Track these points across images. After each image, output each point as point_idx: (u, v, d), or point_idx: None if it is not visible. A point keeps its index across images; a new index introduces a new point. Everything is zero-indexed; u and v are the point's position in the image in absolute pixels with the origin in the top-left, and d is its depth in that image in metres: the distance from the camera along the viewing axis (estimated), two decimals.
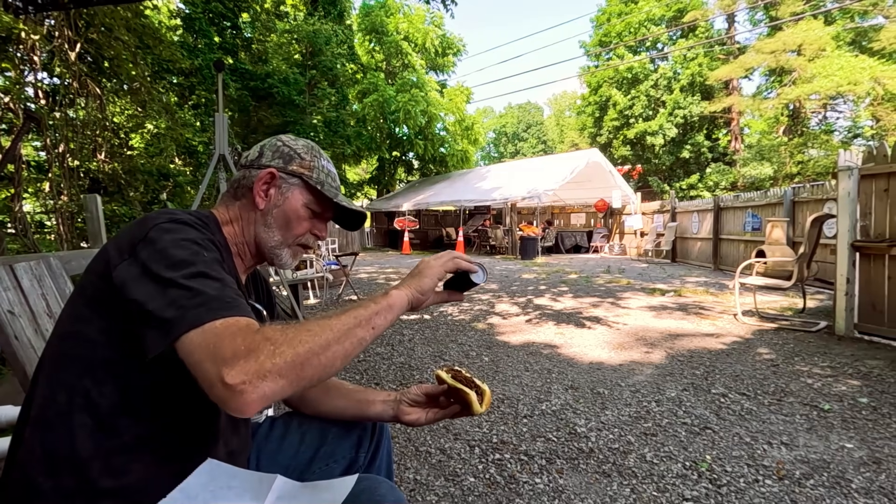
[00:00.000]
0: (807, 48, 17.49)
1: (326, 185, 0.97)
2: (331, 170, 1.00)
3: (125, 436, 0.72)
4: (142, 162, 9.13)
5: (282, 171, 0.94)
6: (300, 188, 0.95)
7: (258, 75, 14.16)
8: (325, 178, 0.97)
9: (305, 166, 0.95)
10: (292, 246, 0.97)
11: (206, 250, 0.74)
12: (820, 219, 4.67)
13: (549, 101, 54.55)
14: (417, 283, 0.85)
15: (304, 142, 0.99)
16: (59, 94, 6.51)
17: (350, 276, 6.78)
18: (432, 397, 1.03)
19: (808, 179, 16.77)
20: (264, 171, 0.93)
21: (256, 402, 0.60)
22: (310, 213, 0.97)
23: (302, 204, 0.95)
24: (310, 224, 0.98)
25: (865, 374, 3.11)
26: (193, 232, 0.76)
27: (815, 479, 1.88)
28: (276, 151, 0.96)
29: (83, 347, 0.73)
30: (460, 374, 0.97)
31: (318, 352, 0.65)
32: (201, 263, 0.70)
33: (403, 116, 19.31)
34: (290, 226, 0.95)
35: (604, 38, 26.40)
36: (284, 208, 0.94)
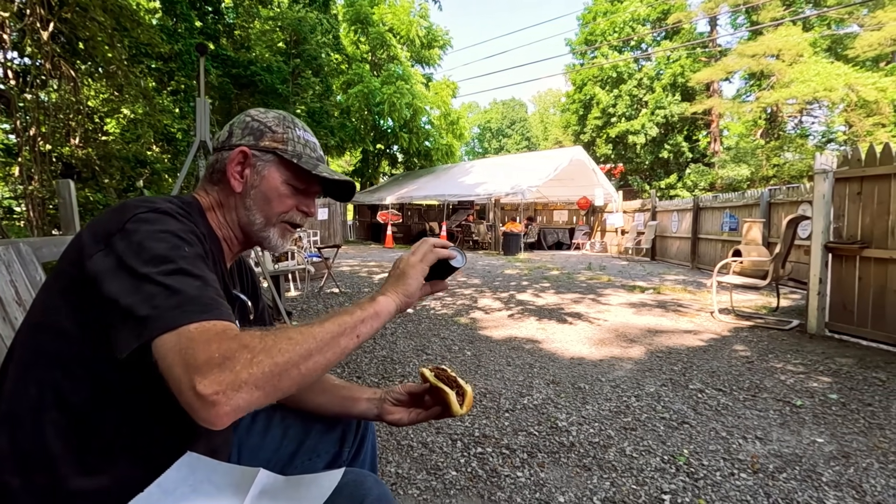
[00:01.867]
0: (785, 53, 17.88)
1: (304, 157, 0.89)
2: (308, 139, 0.92)
3: (99, 434, 0.69)
4: (117, 148, 8.87)
5: (254, 148, 0.88)
6: (276, 164, 0.89)
7: (240, 62, 13.85)
8: (303, 149, 0.90)
9: (278, 140, 0.89)
10: (278, 225, 0.91)
11: (187, 244, 0.70)
12: (795, 220, 4.80)
13: (533, 98, 54.78)
14: (403, 287, 0.79)
15: (276, 113, 0.92)
16: (30, 75, 6.27)
17: (332, 269, 6.71)
18: (416, 396, 1.02)
19: (784, 182, 17.20)
20: (235, 152, 0.87)
21: (229, 415, 0.56)
22: (291, 189, 0.90)
23: (281, 181, 0.89)
24: (294, 200, 0.91)
25: (835, 371, 3.21)
26: (174, 223, 0.72)
27: (788, 473, 1.93)
28: (245, 128, 0.90)
29: (55, 340, 0.69)
30: (445, 372, 0.95)
31: (298, 362, 0.61)
32: (181, 259, 0.67)
33: (388, 109, 19.14)
34: (271, 205, 0.89)
35: (589, 37, 26.56)
36: (262, 188, 0.88)
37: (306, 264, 6.62)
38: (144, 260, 0.64)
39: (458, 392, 0.90)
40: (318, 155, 0.93)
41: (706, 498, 1.76)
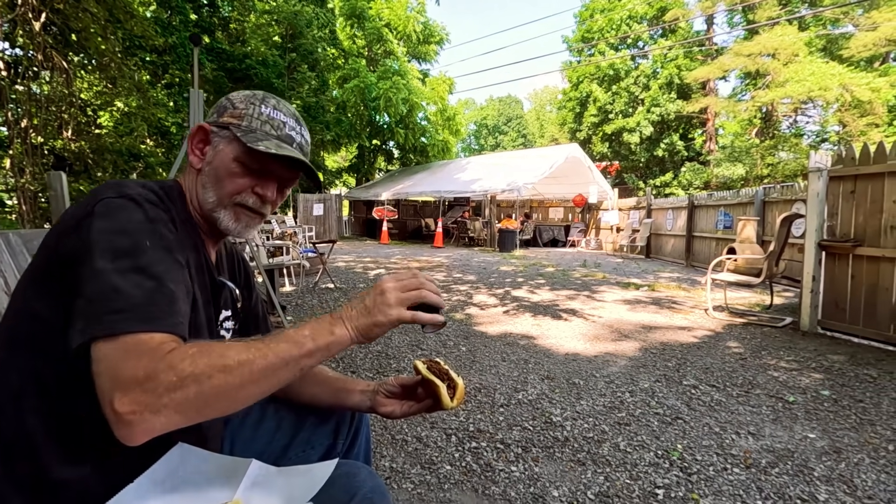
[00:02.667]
0: (781, 53, 17.94)
1: (259, 134, 0.82)
2: (274, 116, 0.85)
3: (79, 422, 0.67)
4: (111, 141, 8.80)
5: (213, 124, 0.84)
6: (229, 140, 0.83)
7: (236, 56, 13.75)
8: (261, 125, 0.83)
9: (236, 115, 0.83)
10: (229, 207, 0.84)
11: (151, 236, 0.67)
12: (789, 218, 4.82)
13: (529, 95, 54.75)
14: (367, 326, 0.70)
15: (249, 92, 0.87)
16: (21, 66, 6.20)
17: (327, 265, 6.69)
18: (408, 388, 1.01)
19: (778, 181, 17.29)
20: (195, 128, 0.85)
21: (142, 436, 0.55)
22: (243, 167, 0.83)
23: (231, 158, 0.82)
24: (248, 180, 0.84)
25: (828, 367, 3.23)
26: (140, 212, 0.69)
27: (780, 468, 1.94)
28: (216, 107, 0.87)
29: (34, 325, 0.68)
30: (437, 365, 0.94)
31: (229, 392, 0.58)
32: (140, 255, 0.64)
33: (384, 104, 19.07)
34: (222, 183, 0.83)
35: (587, 34, 26.55)
36: (215, 164, 0.83)
37: (301, 259, 6.60)
38: (102, 252, 0.63)
39: (449, 385, 0.89)
40: (281, 134, 0.85)
41: (699, 492, 1.77)
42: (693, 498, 1.73)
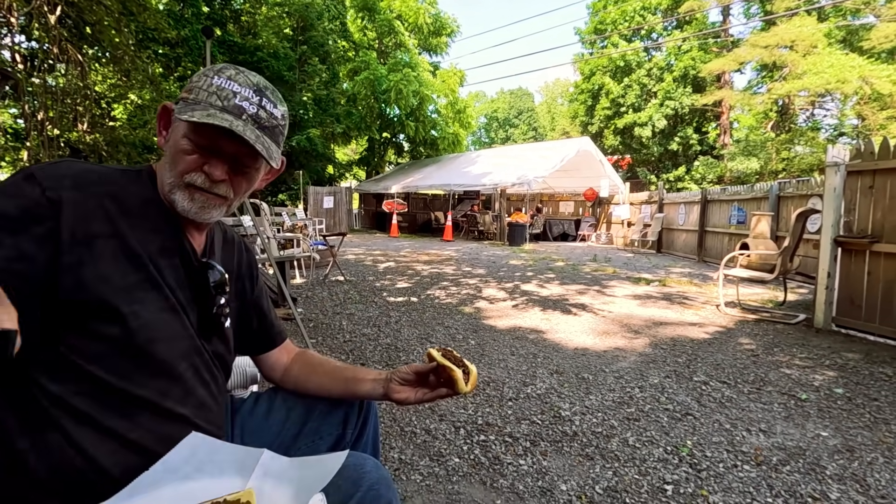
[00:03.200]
0: (799, 44, 17.56)
1: (201, 105, 0.74)
2: (224, 86, 0.76)
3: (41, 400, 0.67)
4: (124, 133, 8.89)
5: (175, 102, 0.80)
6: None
7: (247, 48, 13.80)
8: (208, 96, 0.75)
9: (188, 89, 0.77)
10: (182, 187, 0.78)
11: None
12: (804, 213, 4.74)
13: (541, 88, 54.29)
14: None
15: (211, 67, 0.81)
16: (37, 59, 6.27)
17: (337, 257, 6.72)
18: (422, 376, 1.01)
19: (793, 176, 17.00)
20: (160, 107, 0.82)
21: None
22: (192, 144, 0.76)
23: (181, 135, 0.76)
24: (197, 158, 0.77)
25: (842, 365, 3.19)
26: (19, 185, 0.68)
27: (792, 466, 1.92)
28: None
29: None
30: (451, 353, 0.96)
31: None
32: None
33: (395, 96, 19.02)
34: (175, 162, 0.78)
35: (599, 26, 26.20)
36: (170, 143, 0.79)
37: (312, 252, 6.64)
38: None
39: (463, 371, 0.92)
40: (228, 105, 0.75)
41: (709, 489, 1.76)
42: (702, 494, 1.73)
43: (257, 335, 1.08)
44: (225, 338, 0.92)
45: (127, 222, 0.74)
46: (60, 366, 0.68)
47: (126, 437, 0.70)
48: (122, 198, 0.75)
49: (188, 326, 0.81)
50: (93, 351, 0.69)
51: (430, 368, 0.99)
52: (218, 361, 0.89)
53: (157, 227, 0.79)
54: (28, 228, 0.65)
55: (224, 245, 0.98)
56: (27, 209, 0.66)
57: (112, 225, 0.72)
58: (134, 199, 0.77)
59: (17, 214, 0.65)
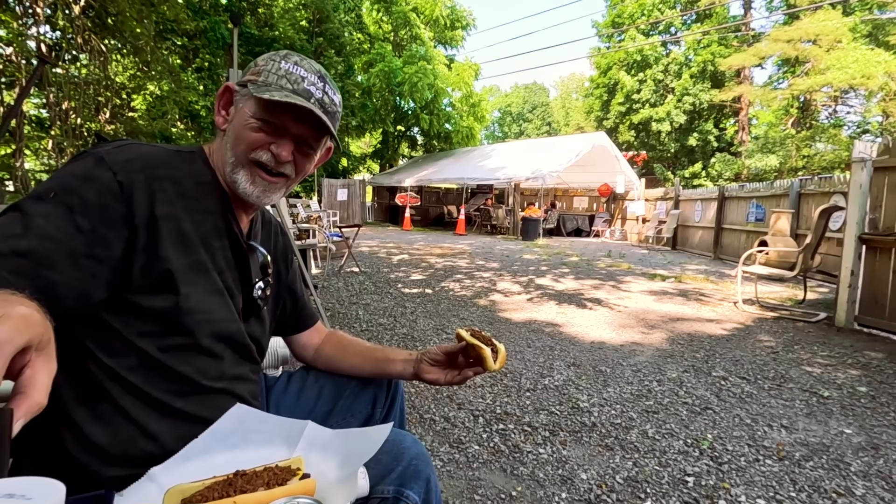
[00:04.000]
0: (823, 39, 17.15)
1: (273, 87, 0.77)
2: (293, 70, 0.79)
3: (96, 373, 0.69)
4: (143, 124, 9.01)
5: (238, 84, 0.83)
6: (247, 98, 0.80)
7: (264, 40, 13.86)
8: (278, 79, 0.78)
9: (255, 72, 0.80)
10: (246, 166, 0.80)
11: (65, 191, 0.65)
12: (828, 210, 4.66)
13: (556, 83, 53.78)
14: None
15: (272, 53, 0.83)
16: (61, 49, 6.37)
17: (352, 249, 6.76)
18: (451, 356, 1.02)
19: (814, 173, 16.66)
20: (221, 88, 0.84)
21: None
22: (260, 122, 0.79)
23: (249, 114, 0.79)
24: (264, 136, 0.80)
25: (864, 364, 3.14)
26: (83, 167, 0.68)
27: (815, 461, 1.91)
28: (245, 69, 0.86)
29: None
30: (479, 333, 0.98)
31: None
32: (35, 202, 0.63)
33: (409, 89, 18.98)
34: (239, 141, 0.80)
35: (617, 19, 25.85)
36: (235, 123, 0.81)
37: (328, 243, 6.69)
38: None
39: (491, 350, 0.93)
40: (298, 88, 0.79)
41: (731, 482, 1.75)
42: (724, 487, 1.72)
43: (290, 317, 1.10)
44: (262, 320, 0.94)
45: (183, 204, 0.75)
46: (114, 341, 0.70)
47: (172, 407, 0.72)
48: (178, 179, 0.76)
49: (233, 309, 0.82)
50: (144, 328, 0.71)
51: (460, 349, 1.00)
52: (255, 343, 0.91)
53: (209, 209, 0.80)
54: (106, 213, 0.66)
55: (263, 227, 1.00)
56: (103, 194, 0.67)
57: (172, 207, 0.74)
58: (188, 181, 0.78)
59: (95, 200, 0.66)
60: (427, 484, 0.78)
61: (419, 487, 0.76)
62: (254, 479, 0.59)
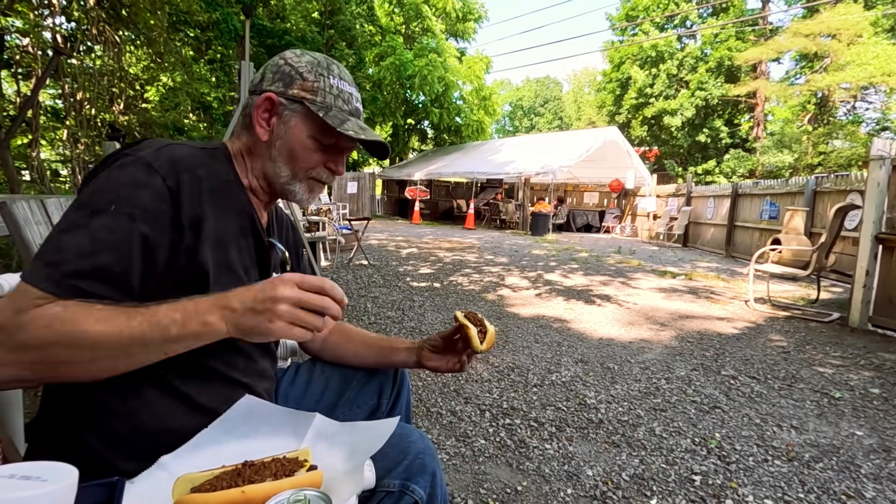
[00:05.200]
0: (843, 33, 16.78)
1: (334, 111, 0.82)
2: (343, 88, 0.85)
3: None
4: (157, 115, 9.08)
5: (282, 96, 0.81)
6: (302, 116, 0.82)
7: (275, 32, 13.87)
8: (334, 100, 0.82)
9: (307, 88, 0.81)
10: (304, 180, 0.86)
11: (124, 200, 0.65)
12: (844, 209, 4.58)
13: (568, 76, 53.31)
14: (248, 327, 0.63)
15: (311, 57, 0.85)
16: (77, 41, 6.43)
17: (361, 242, 6.79)
18: (448, 340, 1.03)
19: (830, 171, 16.37)
20: (261, 98, 0.81)
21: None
22: (317, 143, 0.83)
23: (307, 135, 0.82)
24: (321, 156, 0.85)
25: (878, 365, 3.10)
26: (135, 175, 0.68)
27: (825, 463, 1.89)
28: (276, 72, 0.83)
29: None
30: (474, 315, 0.98)
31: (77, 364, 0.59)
32: (98, 215, 0.64)
33: (420, 82, 18.91)
34: (296, 159, 0.83)
35: (631, 12, 25.49)
36: (288, 140, 0.82)
37: (337, 235, 6.72)
38: (77, 202, 0.67)
39: (480, 330, 0.93)
40: (351, 108, 0.86)
41: (738, 482, 1.74)
42: (732, 486, 1.71)
43: None
44: None
45: (216, 203, 0.76)
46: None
47: (196, 401, 0.73)
48: (211, 179, 0.77)
49: None
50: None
51: (455, 330, 1.00)
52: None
53: (237, 207, 0.82)
54: (158, 217, 0.68)
55: (277, 222, 1.02)
56: (156, 199, 0.68)
57: (209, 207, 0.75)
58: (218, 180, 0.79)
59: (151, 206, 0.67)
60: (433, 478, 0.78)
61: (425, 481, 0.76)
62: (262, 470, 0.60)
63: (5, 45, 5.70)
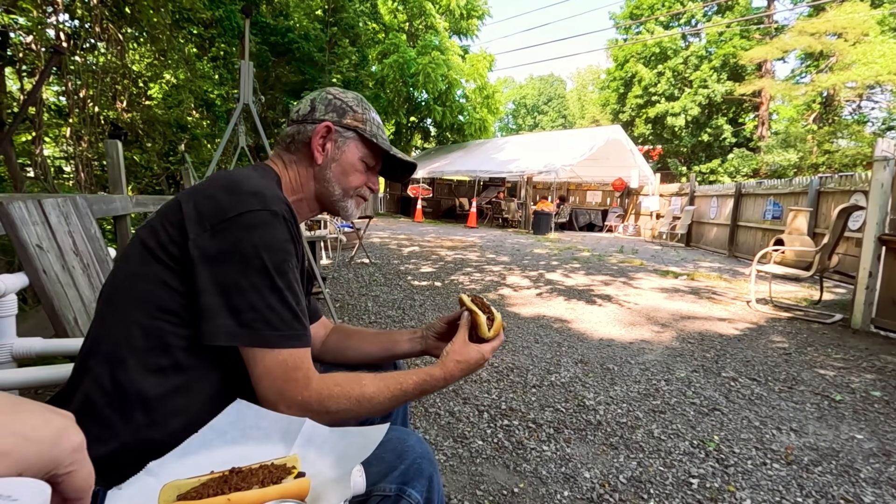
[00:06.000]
0: (849, 32, 16.66)
1: (379, 138, 0.98)
2: (378, 121, 1.01)
3: (189, 376, 0.73)
4: (160, 112, 9.09)
5: (337, 124, 0.95)
6: (356, 141, 0.96)
7: (279, 30, 13.87)
8: (377, 130, 0.99)
9: (359, 119, 0.96)
10: (353, 197, 1.00)
11: (292, 256, 0.76)
12: (847, 210, 4.56)
13: (572, 75, 53.10)
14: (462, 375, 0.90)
15: (353, 94, 1.00)
16: (80, 38, 6.44)
17: (363, 240, 6.79)
18: (453, 325, 1.04)
19: (834, 170, 16.27)
20: (321, 126, 0.93)
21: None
22: (364, 165, 0.98)
23: (358, 157, 0.97)
24: (365, 177, 1.00)
25: (880, 368, 3.08)
26: (284, 231, 0.75)
27: (824, 466, 1.88)
28: (328, 105, 0.96)
29: (158, 290, 0.73)
30: (480, 299, 0.99)
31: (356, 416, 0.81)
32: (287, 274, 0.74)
33: (423, 80, 18.88)
34: (348, 178, 0.97)
35: (635, 11, 25.38)
36: (342, 162, 0.96)
37: (338, 234, 6.72)
38: (254, 267, 0.71)
39: (488, 317, 0.93)
40: (386, 136, 1.02)
41: (736, 485, 1.74)
42: (729, 490, 1.71)
43: None
44: None
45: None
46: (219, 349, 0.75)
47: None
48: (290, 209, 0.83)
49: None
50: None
51: (458, 315, 1.02)
52: None
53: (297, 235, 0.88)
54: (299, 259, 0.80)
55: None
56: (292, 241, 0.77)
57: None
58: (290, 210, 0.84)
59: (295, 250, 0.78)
60: (430, 483, 0.78)
61: (421, 486, 0.76)
62: (249, 477, 0.60)
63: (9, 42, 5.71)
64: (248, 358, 0.72)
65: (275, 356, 0.71)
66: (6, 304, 1.19)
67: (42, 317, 1.92)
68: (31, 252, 1.23)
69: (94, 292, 1.47)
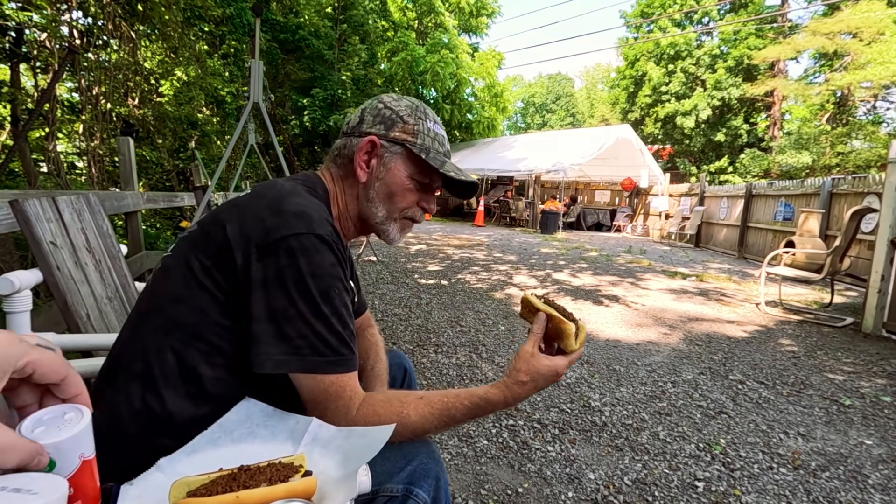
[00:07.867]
0: (864, 31, 16.40)
1: (432, 153, 0.87)
2: (438, 132, 0.90)
3: (217, 405, 0.74)
4: (171, 109, 9.17)
5: (383, 138, 0.86)
6: (403, 157, 0.87)
7: (289, 27, 13.93)
8: (432, 143, 0.88)
9: (409, 131, 0.86)
10: (399, 220, 0.91)
11: (340, 281, 0.74)
12: (860, 212, 4.50)
13: (581, 73, 52.79)
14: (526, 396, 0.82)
15: (409, 102, 0.89)
16: (93, 35, 6.50)
17: (370, 238, 6.81)
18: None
19: (847, 172, 16.05)
20: (364, 140, 0.85)
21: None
22: (415, 183, 0.88)
23: (406, 175, 0.87)
24: (416, 196, 0.90)
25: (891, 373, 3.04)
26: (330, 256, 0.73)
27: (831, 472, 1.86)
28: (377, 116, 0.87)
29: (196, 318, 0.72)
30: (553, 302, 0.85)
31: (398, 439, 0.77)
32: (334, 300, 0.72)
33: (431, 78, 18.85)
34: (394, 199, 0.88)
35: (646, 9, 25.17)
36: (387, 180, 0.87)
37: None
38: (301, 294, 0.69)
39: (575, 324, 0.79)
40: (445, 149, 0.90)
41: (742, 489, 1.73)
42: (735, 494, 1.70)
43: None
44: None
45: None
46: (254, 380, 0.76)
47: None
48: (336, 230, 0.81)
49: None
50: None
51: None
52: None
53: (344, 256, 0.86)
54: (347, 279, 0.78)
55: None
56: (340, 265, 0.75)
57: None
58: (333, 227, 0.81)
59: (343, 273, 0.76)
60: (436, 483, 0.78)
61: (428, 486, 0.77)
62: (257, 475, 0.61)
63: (24, 39, 5.79)
64: (295, 382, 0.73)
65: (318, 383, 0.71)
66: (21, 300, 1.21)
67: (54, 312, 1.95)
68: (45, 248, 1.26)
69: (106, 289, 1.49)
